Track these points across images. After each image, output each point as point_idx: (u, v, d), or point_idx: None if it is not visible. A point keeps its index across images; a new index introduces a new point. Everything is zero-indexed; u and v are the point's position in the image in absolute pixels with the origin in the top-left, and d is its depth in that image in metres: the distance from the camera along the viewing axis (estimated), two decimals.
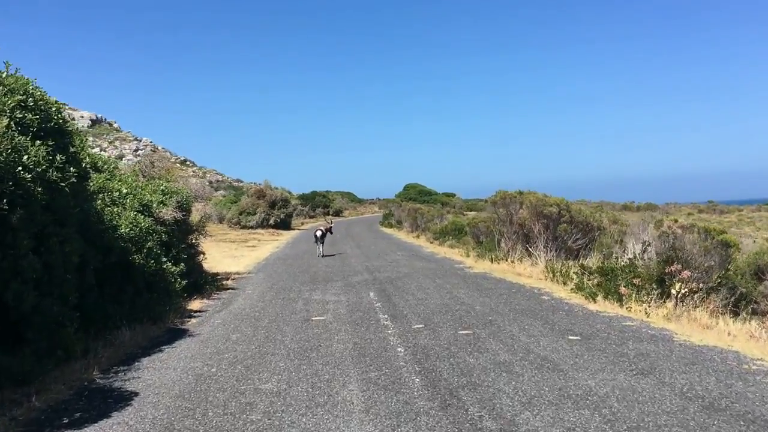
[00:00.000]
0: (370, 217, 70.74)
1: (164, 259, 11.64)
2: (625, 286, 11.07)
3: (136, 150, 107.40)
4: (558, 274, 14.63)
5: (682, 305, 10.31)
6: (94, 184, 10.30)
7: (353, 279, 15.66)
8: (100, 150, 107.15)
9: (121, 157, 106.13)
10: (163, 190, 13.61)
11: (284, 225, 43.97)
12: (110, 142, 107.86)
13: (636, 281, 11.03)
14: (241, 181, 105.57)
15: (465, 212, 58.31)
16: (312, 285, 14.80)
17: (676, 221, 12.20)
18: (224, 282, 16.07)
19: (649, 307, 10.55)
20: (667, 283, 10.61)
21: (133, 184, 12.55)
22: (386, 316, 10.38)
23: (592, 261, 15.92)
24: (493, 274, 15.88)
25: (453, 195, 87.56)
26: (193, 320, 10.90)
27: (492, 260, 18.87)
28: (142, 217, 11.34)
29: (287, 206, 44.13)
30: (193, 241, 17.45)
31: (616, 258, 15.93)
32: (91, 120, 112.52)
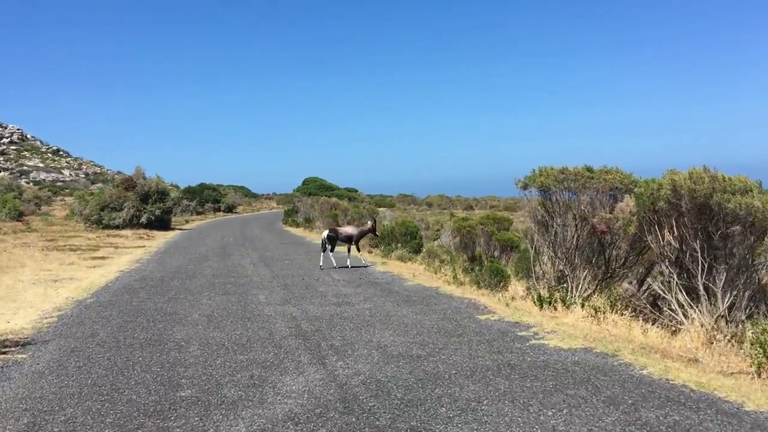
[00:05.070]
0: (269, 213, 59.36)
1: None
2: None
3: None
4: None
5: None
6: None
7: (278, 403, 5.28)
8: None
9: None
10: None
11: (162, 224, 32.24)
12: None
13: None
14: (124, 174, 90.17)
15: (376, 208, 48.69)
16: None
17: None
18: None
19: None
20: None
21: None
22: None
23: None
24: (624, 364, 5.96)
25: (355, 190, 77.71)
26: None
27: (542, 302, 9.05)
28: None
29: (165, 200, 32.42)
30: None
31: None
32: None
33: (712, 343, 6.71)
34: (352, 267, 14.41)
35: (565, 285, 9.53)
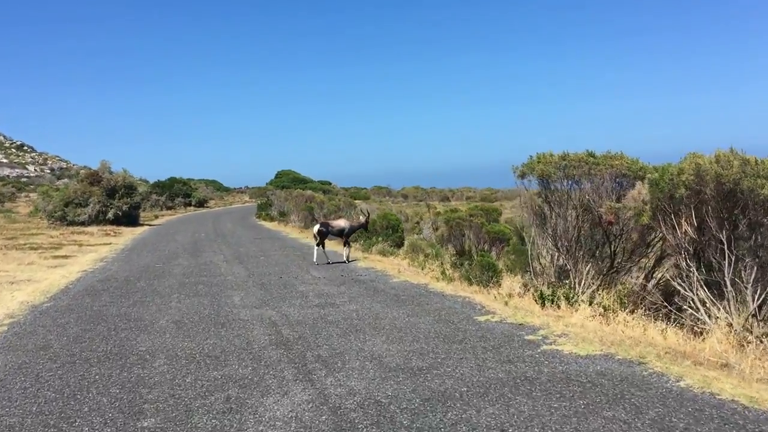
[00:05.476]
0: (241, 207, 58.08)
1: None
2: None
3: None
4: None
5: None
6: None
7: None
8: None
9: None
10: None
11: (130, 219, 30.96)
12: None
13: None
14: (90, 169, 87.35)
15: (352, 201, 47.77)
16: None
17: None
18: None
19: None
20: None
21: None
22: None
23: None
24: (656, 375, 5.15)
25: (329, 183, 76.62)
26: None
27: (544, 300, 8.30)
28: None
29: (132, 195, 31.10)
30: None
31: None
32: None
33: (743, 345, 6.01)
34: (332, 263, 13.58)
35: (567, 281, 8.80)
